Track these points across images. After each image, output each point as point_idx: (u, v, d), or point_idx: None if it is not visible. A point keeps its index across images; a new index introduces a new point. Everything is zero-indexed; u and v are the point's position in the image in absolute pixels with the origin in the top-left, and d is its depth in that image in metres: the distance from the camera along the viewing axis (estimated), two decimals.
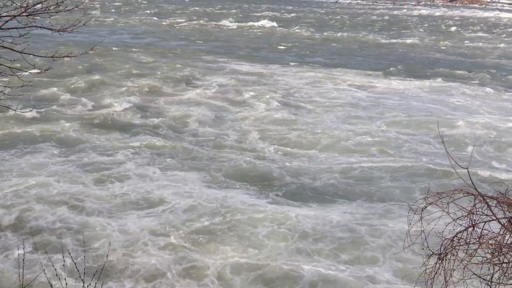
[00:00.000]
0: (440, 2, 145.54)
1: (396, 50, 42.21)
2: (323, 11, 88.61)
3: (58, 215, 11.10)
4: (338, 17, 76.48)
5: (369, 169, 14.80)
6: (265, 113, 20.03)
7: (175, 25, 52.98)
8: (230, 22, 58.48)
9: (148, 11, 67.76)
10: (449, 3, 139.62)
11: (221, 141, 16.65)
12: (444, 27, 67.23)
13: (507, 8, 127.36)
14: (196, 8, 79.07)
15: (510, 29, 67.70)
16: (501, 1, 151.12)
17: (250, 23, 57.72)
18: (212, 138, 16.91)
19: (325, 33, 52.01)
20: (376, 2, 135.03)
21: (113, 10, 65.87)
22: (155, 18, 58.47)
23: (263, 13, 75.11)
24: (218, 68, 29.11)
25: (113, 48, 33.72)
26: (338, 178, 14.06)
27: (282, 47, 40.42)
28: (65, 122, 17.19)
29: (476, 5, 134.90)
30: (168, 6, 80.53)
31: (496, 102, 24.13)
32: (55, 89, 21.36)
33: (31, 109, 17.17)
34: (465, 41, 50.85)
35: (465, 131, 18.73)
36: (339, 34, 51.48)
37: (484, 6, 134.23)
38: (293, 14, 76.36)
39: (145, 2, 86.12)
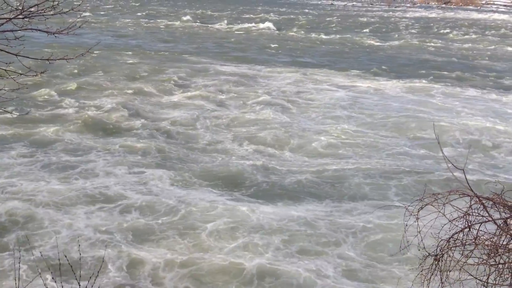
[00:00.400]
0: (434, 4, 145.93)
1: (384, 52, 42.32)
2: (316, 13, 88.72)
3: (6, 209, 11.16)
4: (330, 18, 76.58)
5: (341, 169, 14.82)
6: (240, 114, 20.11)
7: (166, 27, 52.94)
8: (221, 24, 58.46)
9: (140, 13, 67.70)
10: (443, 5, 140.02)
11: (194, 140, 16.74)
12: (435, 29, 67.36)
13: (502, 9, 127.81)
14: (188, 10, 79.04)
15: (502, 31, 67.93)
16: (496, 2, 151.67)
17: (242, 25, 57.79)
18: (186, 137, 16.99)
19: (313, 35, 52.06)
20: (371, 4, 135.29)
21: (107, 13, 65.78)
22: (148, 20, 58.42)
23: (257, 15, 75.13)
24: (203, 69, 29.13)
25: (108, 50, 33.67)
26: (309, 177, 14.07)
27: (270, 49, 40.49)
28: (41, 124, 17.21)
29: (470, 7, 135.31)
30: (161, 8, 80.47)
31: (483, 103, 24.18)
32: (44, 90, 21.32)
33: (27, 111, 17.12)
34: (455, 43, 51.00)
35: (445, 132, 18.75)
36: (329, 36, 51.60)
37: (479, 7, 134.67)
38: (284, 16, 76.39)
39: (137, 4, 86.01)
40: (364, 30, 60.53)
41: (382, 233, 11.10)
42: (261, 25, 57.72)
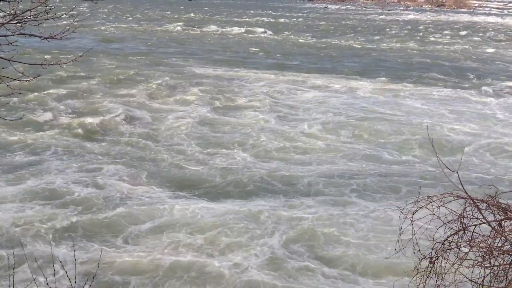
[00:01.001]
0: (428, 7, 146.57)
1: (369, 54, 42.49)
2: (308, 17, 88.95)
3: None
4: (320, 22, 76.81)
5: (294, 169, 14.92)
6: (202, 114, 20.24)
7: (159, 32, 52.97)
8: (211, 28, 58.53)
9: (134, 18, 67.71)
10: (436, 8, 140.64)
11: (152, 140, 16.90)
12: (427, 32, 67.66)
13: (495, 12, 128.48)
14: (179, 15, 79.08)
15: (492, 33, 68.31)
16: (488, 5, 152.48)
17: (230, 29, 57.93)
18: (145, 137, 17.16)
19: (301, 39, 52.27)
20: (365, 8, 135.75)
21: (101, 18, 65.76)
22: (142, 24, 58.44)
23: (248, 19, 75.25)
24: (179, 72, 29.30)
25: (99, 55, 33.64)
26: (263, 177, 14.12)
27: (256, 52, 40.64)
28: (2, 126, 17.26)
29: (463, 10, 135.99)
30: (155, 13, 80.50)
31: (472, 105, 24.28)
32: (32, 95, 21.27)
33: (21, 116, 17.07)
34: (443, 45, 51.20)
35: (437, 135, 18.83)
36: (314, 40, 51.92)
37: (471, 10, 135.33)
38: (273, 20, 76.55)
39: (131, 9, 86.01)
40: (352, 34, 60.67)
41: (377, 236, 11.10)
42: (251, 29, 57.83)
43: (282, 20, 77.02)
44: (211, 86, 25.42)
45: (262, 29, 57.58)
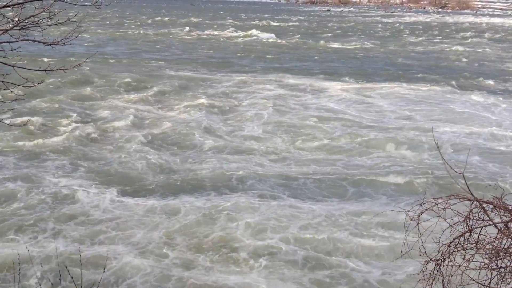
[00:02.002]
0: (431, 8, 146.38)
1: (357, 55, 42.61)
2: (306, 19, 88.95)
3: None
4: (330, 24, 76.83)
5: (288, 170, 15.08)
6: (164, 115, 20.67)
7: (162, 37, 53.07)
8: (213, 32, 58.61)
9: (137, 23, 67.88)
10: (440, 9, 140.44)
11: (109, 141, 17.24)
12: (430, 33, 67.58)
13: (498, 13, 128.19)
14: (184, 19, 79.18)
15: (497, 34, 68.17)
16: (491, 6, 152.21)
17: (218, 32, 58.03)
18: (105, 138, 17.51)
19: (293, 41, 52.39)
20: (368, 10, 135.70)
21: (104, 23, 65.94)
22: (145, 29, 58.59)
23: (252, 22, 75.30)
24: (161, 75, 29.56)
25: (103, 60, 33.72)
26: (207, 174, 14.39)
27: (241, 55, 40.83)
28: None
29: (466, 11, 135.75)
30: (159, 18, 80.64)
31: (477, 107, 24.23)
32: (35, 100, 21.39)
33: (25, 122, 17.11)
34: (447, 46, 51.13)
35: (443, 137, 18.76)
36: (302, 41, 52.42)
37: (475, 11, 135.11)
38: (277, 24, 76.60)
39: (133, 13, 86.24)
40: (337, 34, 60.67)
41: (382, 239, 11.07)
42: (252, 32, 57.88)
43: (284, 23, 77.07)
44: (182, 89, 25.71)
45: (269, 34, 57.67)
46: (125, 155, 15.86)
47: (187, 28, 60.92)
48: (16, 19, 6.77)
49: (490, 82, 30.82)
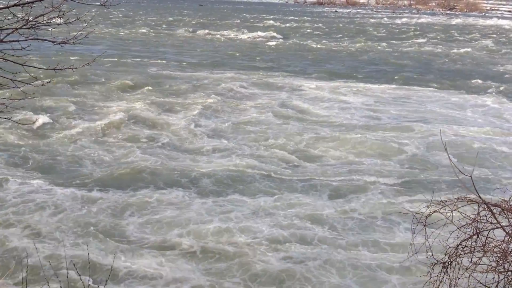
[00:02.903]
0: (439, 10, 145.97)
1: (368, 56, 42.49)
2: (310, 20, 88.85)
3: None
4: (338, 25, 76.71)
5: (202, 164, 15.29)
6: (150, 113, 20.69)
7: (171, 36, 53.13)
8: (223, 32, 58.67)
9: (148, 22, 68.01)
10: (448, 11, 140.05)
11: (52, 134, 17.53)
12: (455, 35, 67.37)
13: (507, 15, 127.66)
14: (190, 18, 79.31)
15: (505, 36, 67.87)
16: (500, 8, 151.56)
17: (241, 34, 58.02)
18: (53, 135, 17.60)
19: (295, 40, 52.28)
20: (376, 11, 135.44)
21: (113, 22, 66.11)
22: (156, 29, 58.70)
23: (260, 23, 75.29)
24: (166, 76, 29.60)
25: (112, 59, 33.82)
26: (135, 170, 14.67)
27: (235, 55, 40.80)
28: None
29: (475, 13, 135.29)
30: (168, 17, 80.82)
31: (484, 109, 24.14)
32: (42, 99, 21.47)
33: (34, 120, 17.19)
34: (458, 49, 50.93)
35: (449, 138, 18.71)
36: (306, 42, 52.22)
37: (483, 13, 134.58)
38: (283, 24, 76.59)
39: (144, 12, 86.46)
40: (338, 36, 60.58)
41: (389, 241, 11.05)
42: (262, 33, 57.84)
43: (293, 24, 77.04)
44: (221, 93, 25.58)
45: (276, 35, 57.60)
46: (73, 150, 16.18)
47: (192, 28, 60.97)
48: (26, 18, 6.81)
49: (499, 84, 30.68)
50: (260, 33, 57.71)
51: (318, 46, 49.41)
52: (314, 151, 17.01)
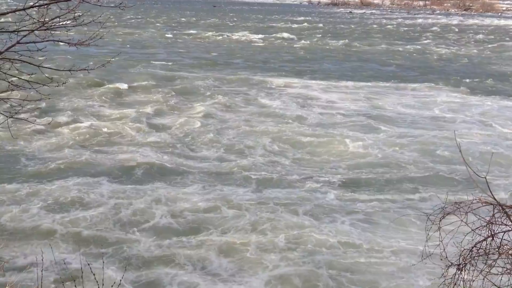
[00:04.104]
0: (454, 10, 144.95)
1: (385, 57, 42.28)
2: (336, 21, 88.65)
3: None
4: (350, 26, 76.49)
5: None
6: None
7: (186, 39, 53.30)
8: (236, 35, 58.73)
9: (162, 24, 68.32)
10: (464, 12, 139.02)
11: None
12: (468, 36, 66.90)
13: None
14: (205, 20, 79.47)
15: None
16: None
17: (255, 35, 58.05)
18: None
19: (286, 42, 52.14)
20: (391, 12, 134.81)
21: (128, 24, 66.49)
22: (170, 31, 58.92)
23: (275, 24, 75.23)
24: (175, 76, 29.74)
25: (126, 61, 34.01)
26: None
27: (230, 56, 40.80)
28: None
29: (490, 13, 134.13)
30: (183, 19, 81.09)
31: (500, 110, 23.97)
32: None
33: (49, 121, 17.34)
34: (474, 50, 50.53)
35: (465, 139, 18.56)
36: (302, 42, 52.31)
37: (499, 14, 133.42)
38: (281, 24, 76.50)
39: (156, 15, 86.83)
40: (346, 36, 60.36)
41: (403, 243, 11.01)
42: (279, 35, 57.85)
43: (301, 25, 76.93)
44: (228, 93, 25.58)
45: (289, 35, 57.60)
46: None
47: (205, 30, 61.13)
48: (42, 20, 6.87)
49: None
50: (283, 34, 57.79)
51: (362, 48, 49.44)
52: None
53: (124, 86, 25.62)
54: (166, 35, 54.41)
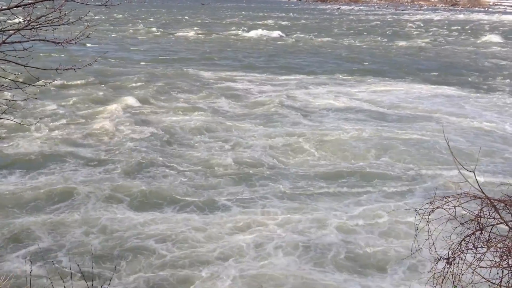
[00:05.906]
0: (442, 6, 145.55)
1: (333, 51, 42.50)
2: (308, 18, 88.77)
3: None
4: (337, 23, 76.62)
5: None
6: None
7: (178, 38, 53.14)
8: (226, 32, 58.65)
9: (149, 23, 68.06)
10: (451, 7, 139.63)
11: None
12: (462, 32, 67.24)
13: (510, 10, 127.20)
14: (193, 19, 79.24)
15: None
16: (503, 3, 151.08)
17: (245, 33, 58.05)
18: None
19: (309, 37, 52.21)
20: (378, 8, 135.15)
21: (115, 23, 66.16)
22: (160, 29, 58.72)
23: (266, 20, 75.23)
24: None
25: (113, 60, 33.88)
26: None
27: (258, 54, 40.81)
28: None
29: (477, 8, 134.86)
30: (174, 17, 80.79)
31: (488, 104, 24.10)
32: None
33: (37, 121, 17.22)
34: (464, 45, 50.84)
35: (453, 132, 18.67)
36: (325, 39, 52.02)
37: (486, 9, 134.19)
38: (283, 22, 76.51)
39: (144, 13, 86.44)
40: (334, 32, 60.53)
41: (392, 237, 11.05)
42: (267, 32, 57.91)
43: (290, 22, 76.97)
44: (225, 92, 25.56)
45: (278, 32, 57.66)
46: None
47: (195, 27, 61.04)
48: (28, 19, 6.81)
49: (503, 80, 30.63)
50: (261, 31, 57.78)
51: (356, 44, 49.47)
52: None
53: (110, 84, 25.54)
54: (155, 33, 54.25)
